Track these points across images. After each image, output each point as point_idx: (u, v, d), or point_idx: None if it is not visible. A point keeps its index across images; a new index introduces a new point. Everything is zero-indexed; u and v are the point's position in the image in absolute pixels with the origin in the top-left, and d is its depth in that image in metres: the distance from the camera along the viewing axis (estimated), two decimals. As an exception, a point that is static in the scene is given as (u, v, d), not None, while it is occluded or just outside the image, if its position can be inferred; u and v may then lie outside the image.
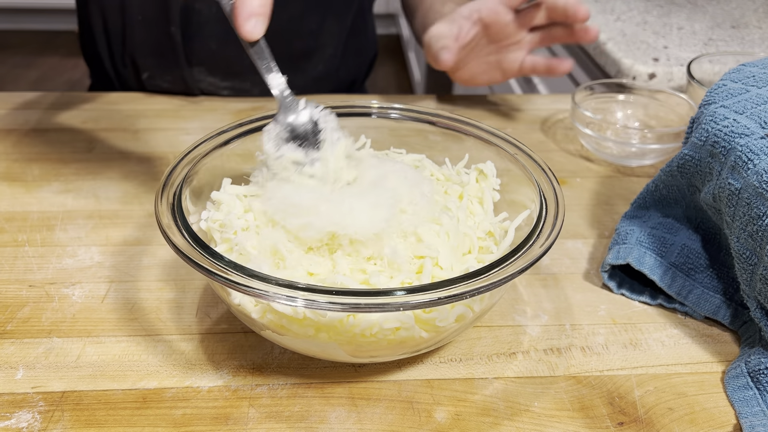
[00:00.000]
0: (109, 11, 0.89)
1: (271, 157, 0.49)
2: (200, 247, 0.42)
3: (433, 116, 0.59)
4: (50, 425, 0.44)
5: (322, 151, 0.49)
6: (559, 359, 0.50)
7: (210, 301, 0.55)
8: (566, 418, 0.46)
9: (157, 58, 0.89)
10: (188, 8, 0.85)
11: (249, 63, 0.91)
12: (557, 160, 0.77)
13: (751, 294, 0.49)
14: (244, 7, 0.45)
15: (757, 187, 0.46)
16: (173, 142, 0.78)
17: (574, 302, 0.56)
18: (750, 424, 0.45)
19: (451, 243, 0.47)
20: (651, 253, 0.56)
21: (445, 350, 0.51)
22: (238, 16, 0.45)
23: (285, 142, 0.49)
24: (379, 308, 0.39)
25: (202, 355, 0.50)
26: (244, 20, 0.45)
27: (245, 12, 0.45)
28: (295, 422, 0.45)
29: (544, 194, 0.49)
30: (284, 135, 0.49)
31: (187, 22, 0.86)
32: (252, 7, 0.45)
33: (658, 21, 1.11)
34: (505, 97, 0.93)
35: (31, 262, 0.59)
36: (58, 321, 0.52)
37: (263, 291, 0.39)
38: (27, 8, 3.40)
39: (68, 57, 3.16)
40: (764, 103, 0.50)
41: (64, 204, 0.66)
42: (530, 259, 0.42)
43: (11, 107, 0.84)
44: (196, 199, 0.51)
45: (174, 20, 0.85)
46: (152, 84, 0.91)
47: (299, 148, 0.49)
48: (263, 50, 0.48)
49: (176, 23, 0.85)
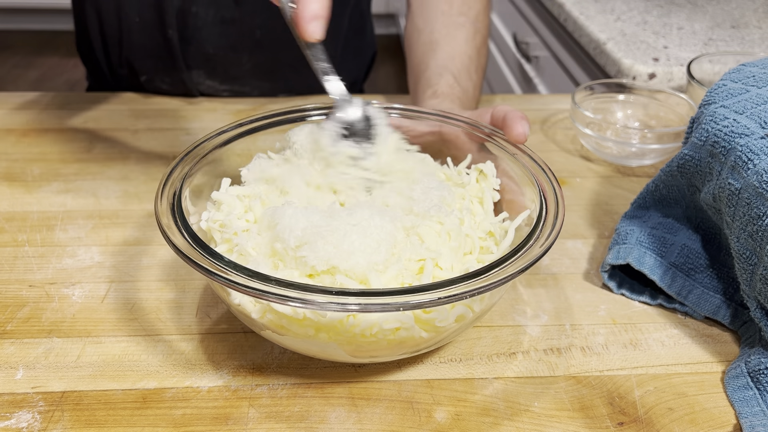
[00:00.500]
0: (105, 14, 0.88)
1: (329, 152, 0.51)
2: (200, 247, 0.42)
3: (433, 116, 0.59)
4: (50, 425, 0.44)
5: (375, 146, 0.51)
6: (559, 359, 0.50)
7: (210, 301, 0.55)
8: (566, 418, 0.46)
9: (155, 61, 0.89)
10: (185, 12, 0.85)
11: (247, 68, 0.92)
12: (557, 160, 0.77)
13: (751, 294, 0.49)
14: (306, 10, 0.47)
15: (757, 187, 0.46)
16: (173, 142, 0.78)
17: (574, 302, 0.56)
18: (750, 424, 0.45)
19: (452, 244, 0.48)
20: (651, 253, 0.56)
21: (445, 350, 0.51)
22: (301, 18, 0.47)
23: (341, 138, 0.51)
24: (379, 308, 0.39)
25: (202, 355, 0.50)
26: (306, 22, 0.47)
27: (308, 14, 0.47)
28: (295, 422, 0.45)
29: (544, 194, 0.49)
30: (340, 132, 0.51)
31: (183, 25, 0.86)
32: (314, 9, 0.47)
33: (658, 21, 1.11)
34: (505, 97, 0.93)
35: (31, 262, 0.59)
36: (58, 321, 0.52)
37: (263, 291, 0.39)
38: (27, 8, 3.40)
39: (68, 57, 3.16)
40: (764, 103, 0.50)
41: (64, 204, 0.66)
42: (530, 259, 0.42)
43: (11, 107, 0.84)
44: (196, 199, 0.51)
45: (171, 23, 0.85)
46: (152, 87, 0.91)
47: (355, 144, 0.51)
48: (321, 52, 0.50)
49: (173, 26, 0.85)
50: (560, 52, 1.31)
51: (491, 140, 0.56)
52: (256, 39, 0.88)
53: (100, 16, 0.89)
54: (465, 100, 0.69)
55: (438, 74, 0.71)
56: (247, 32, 0.87)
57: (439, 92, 0.68)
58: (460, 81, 0.71)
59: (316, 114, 0.58)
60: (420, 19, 0.81)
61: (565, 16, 1.19)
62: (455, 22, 0.78)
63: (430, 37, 0.78)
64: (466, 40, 0.77)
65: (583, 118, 0.76)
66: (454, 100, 0.67)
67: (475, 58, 0.76)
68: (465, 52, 0.75)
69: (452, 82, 0.70)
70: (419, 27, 0.80)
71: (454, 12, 0.79)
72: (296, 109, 0.58)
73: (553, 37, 1.36)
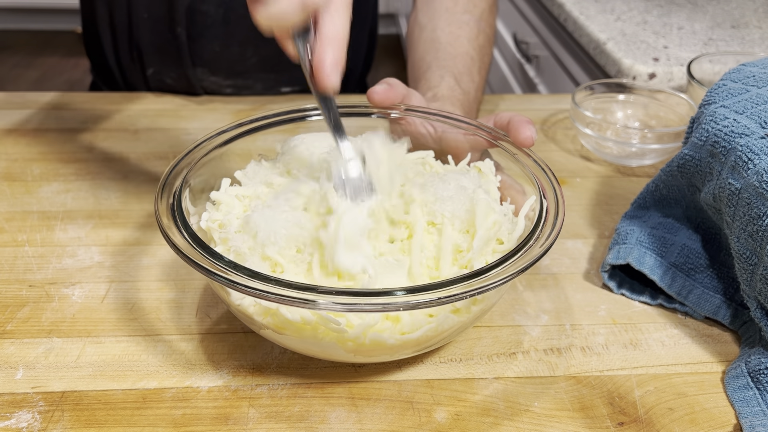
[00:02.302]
0: (115, 7, 0.89)
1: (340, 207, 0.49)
2: (200, 247, 0.42)
3: (433, 116, 0.59)
4: (50, 425, 0.44)
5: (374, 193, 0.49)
6: (559, 359, 0.50)
7: (210, 301, 0.55)
8: (566, 418, 0.46)
9: (161, 56, 0.89)
10: (194, 9, 0.85)
11: (252, 63, 0.92)
12: (557, 160, 0.77)
13: (751, 294, 0.49)
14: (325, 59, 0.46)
15: (757, 187, 0.46)
16: (173, 142, 0.78)
17: (574, 302, 0.56)
18: (750, 424, 0.45)
19: None
20: (651, 253, 0.56)
21: (445, 350, 0.51)
22: (321, 70, 0.46)
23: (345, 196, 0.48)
24: (379, 308, 0.39)
25: (202, 355, 0.50)
26: (326, 75, 0.46)
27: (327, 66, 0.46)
28: (295, 422, 0.45)
29: (544, 194, 0.49)
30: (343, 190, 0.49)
31: (192, 22, 0.86)
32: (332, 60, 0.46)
33: (658, 21, 1.11)
34: (505, 97, 0.93)
35: (31, 262, 0.59)
36: (58, 321, 0.52)
37: (263, 291, 0.39)
38: (27, 8, 3.40)
39: (68, 57, 3.16)
40: (764, 103, 0.50)
41: (64, 204, 0.66)
42: (530, 259, 0.42)
43: (11, 107, 0.84)
44: (196, 199, 0.51)
45: (180, 21, 0.85)
46: (157, 80, 0.91)
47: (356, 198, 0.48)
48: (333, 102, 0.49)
49: (182, 24, 0.86)
50: (560, 52, 1.31)
51: (496, 143, 0.55)
52: (260, 31, 0.88)
53: (111, 10, 0.89)
54: (466, 102, 0.69)
55: (439, 76, 0.70)
56: (251, 25, 0.88)
57: (440, 95, 0.68)
58: (461, 83, 0.70)
59: (316, 114, 0.58)
60: (423, 15, 0.80)
61: (565, 16, 1.19)
62: (459, 20, 0.78)
63: (432, 34, 0.77)
64: (469, 40, 0.76)
65: (583, 118, 0.76)
66: (455, 102, 0.67)
67: (477, 58, 0.75)
68: (467, 52, 0.75)
69: (453, 84, 0.69)
70: (422, 23, 0.80)
71: (459, 10, 0.79)
72: (296, 110, 0.58)
73: (553, 37, 1.36)
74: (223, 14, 0.86)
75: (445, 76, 0.70)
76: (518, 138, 0.53)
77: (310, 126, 0.58)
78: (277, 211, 0.47)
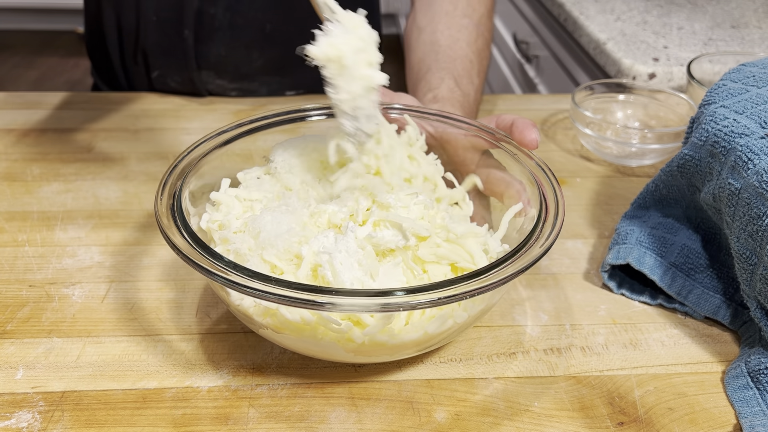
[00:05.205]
0: (123, 10, 0.89)
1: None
2: (200, 248, 0.42)
3: (433, 116, 0.59)
4: (50, 425, 0.44)
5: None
6: (559, 359, 0.50)
7: (210, 301, 0.55)
8: (566, 418, 0.46)
9: (167, 59, 0.89)
10: (202, 12, 0.85)
11: (257, 66, 0.91)
12: (557, 160, 0.77)
13: (751, 294, 0.49)
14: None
15: (757, 187, 0.46)
16: (173, 142, 0.78)
17: (574, 302, 0.56)
18: (750, 424, 0.45)
19: None
20: (651, 253, 0.56)
21: (445, 350, 0.51)
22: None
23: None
24: (379, 308, 0.39)
25: (202, 355, 0.50)
26: None
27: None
28: (295, 422, 0.45)
29: (544, 194, 0.49)
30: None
31: (200, 25, 0.86)
32: None
33: (658, 21, 1.11)
34: (504, 97, 0.93)
35: (31, 262, 0.59)
36: (58, 321, 0.52)
37: (263, 291, 0.39)
38: (27, 8, 3.40)
39: (68, 57, 3.16)
40: (764, 103, 0.50)
41: (64, 204, 0.66)
42: (530, 259, 0.42)
43: (11, 107, 0.84)
44: (196, 200, 0.51)
45: (188, 23, 0.85)
46: (161, 82, 0.91)
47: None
48: None
49: (190, 26, 0.86)
50: (560, 52, 1.31)
51: (498, 144, 0.55)
52: (266, 34, 0.88)
53: (118, 12, 0.89)
54: (466, 104, 0.69)
55: (439, 78, 0.70)
56: (258, 28, 0.88)
57: (440, 96, 0.68)
58: (461, 85, 0.70)
59: (315, 114, 0.58)
60: (423, 18, 0.80)
61: (565, 16, 1.19)
62: (458, 24, 0.78)
63: (431, 37, 0.77)
64: (468, 43, 0.76)
65: (583, 118, 0.76)
66: (455, 104, 0.67)
67: (476, 61, 0.76)
68: (466, 55, 0.75)
69: (453, 86, 0.69)
70: (421, 25, 0.80)
71: (458, 13, 0.79)
72: (296, 110, 0.58)
73: (553, 37, 1.36)
74: (230, 17, 0.86)
75: (445, 78, 0.70)
76: (523, 141, 0.54)
77: (310, 126, 0.58)
78: (283, 215, 0.48)
